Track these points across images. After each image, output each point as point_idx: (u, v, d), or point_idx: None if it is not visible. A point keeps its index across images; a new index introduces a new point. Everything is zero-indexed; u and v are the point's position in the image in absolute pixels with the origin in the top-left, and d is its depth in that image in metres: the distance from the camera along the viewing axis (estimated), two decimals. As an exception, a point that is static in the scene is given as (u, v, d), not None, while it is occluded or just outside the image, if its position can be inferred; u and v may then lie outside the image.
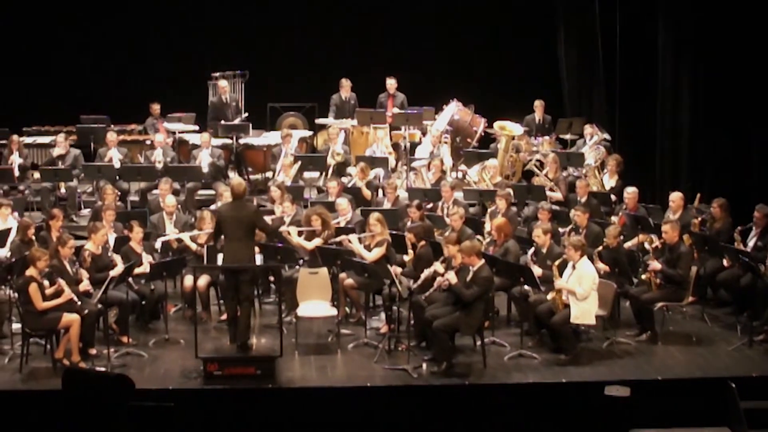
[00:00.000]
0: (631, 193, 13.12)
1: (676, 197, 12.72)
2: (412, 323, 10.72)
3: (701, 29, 15.34)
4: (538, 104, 16.86)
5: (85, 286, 10.59)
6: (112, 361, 10.28)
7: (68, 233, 11.37)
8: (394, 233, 11.76)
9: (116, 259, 11.04)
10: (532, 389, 9.96)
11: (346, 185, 14.31)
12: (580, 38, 17.43)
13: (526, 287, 10.90)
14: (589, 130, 15.95)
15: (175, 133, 16.02)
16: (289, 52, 18.00)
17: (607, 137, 15.93)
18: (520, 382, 10.03)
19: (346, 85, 16.92)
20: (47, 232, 11.86)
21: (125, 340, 10.86)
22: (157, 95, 16.82)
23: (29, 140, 16.01)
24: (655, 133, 16.17)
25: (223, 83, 16.74)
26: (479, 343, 10.50)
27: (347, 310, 11.70)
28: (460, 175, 15.52)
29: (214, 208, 12.89)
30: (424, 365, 10.24)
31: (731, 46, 14.88)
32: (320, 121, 17.07)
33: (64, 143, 15.05)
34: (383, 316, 11.42)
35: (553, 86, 17.74)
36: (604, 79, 16.96)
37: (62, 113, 16.58)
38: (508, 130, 16.17)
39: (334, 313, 11.07)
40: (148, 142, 16.10)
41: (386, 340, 10.76)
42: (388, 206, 13.53)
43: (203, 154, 15.13)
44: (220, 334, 11.17)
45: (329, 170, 15.17)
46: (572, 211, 12.45)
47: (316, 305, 11.08)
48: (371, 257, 11.29)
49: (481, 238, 12.02)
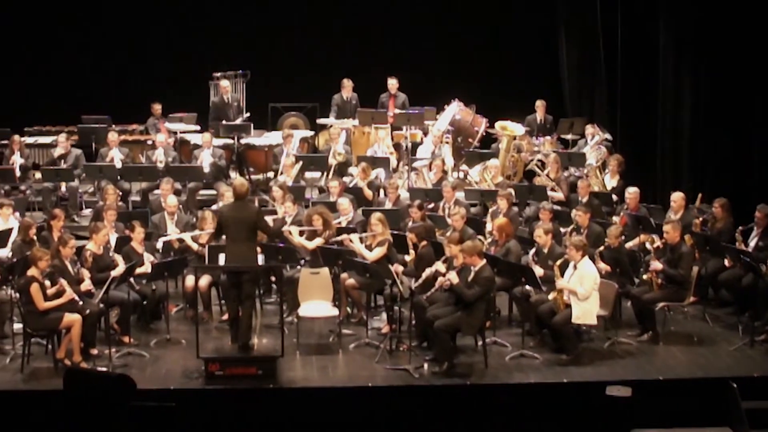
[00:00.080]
0: (632, 193, 13.13)
1: (677, 197, 12.72)
2: (413, 323, 10.73)
3: (702, 29, 15.32)
4: (539, 104, 16.84)
5: (86, 286, 10.59)
6: (113, 361, 10.29)
7: (69, 233, 11.36)
8: (395, 233, 11.75)
9: (117, 259, 11.03)
10: (533, 389, 9.96)
11: (347, 185, 14.29)
12: (581, 38, 17.41)
13: (527, 287, 10.90)
14: (590, 130, 15.96)
15: (176, 133, 16.02)
16: (290, 52, 17.99)
17: (608, 137, 15.93)
18: (521, 382, 10.02)
19: (347, 85, 16.91)
20: (48, 232, 11.86)
21: (126, 340, 10.85)
22: (158, 95, 16.82)
23: (30, 140, 16.01)
24: (656, 133, 16.15)
25: (224, 83, 16.73)
26: (480, 343, 10.51)
27: (348, 310, 11.69)
28: (461, 175, 15.52)
29: (215, 208, 12.89)
30: (425, 365, 10.24)
31: (732, 46, 14.86)
32: (321, 121, 17.06)
33: (65, 143, 15.07)
34: (384, 316, 11.42)
35: (554, 86, 17.73)
36: (605, 79, 16.95)
37: (63, 113, 16.57)
38: (509, 130, 16.16)
39: (335, 313, 11.07)
40: (149, 142, 16.09)
41: (387, 340, 10.75)
42: (389, 206, 13.53)
43: (204, 154, 15.13)
44: (221, 334, 11.16)
45: (330, 170, 15.16)
46: (574, 211, 12.45)
47: (317, 305, 11.07)
48: (372, 257, 11.28)
49: (482, 238, 12.01)
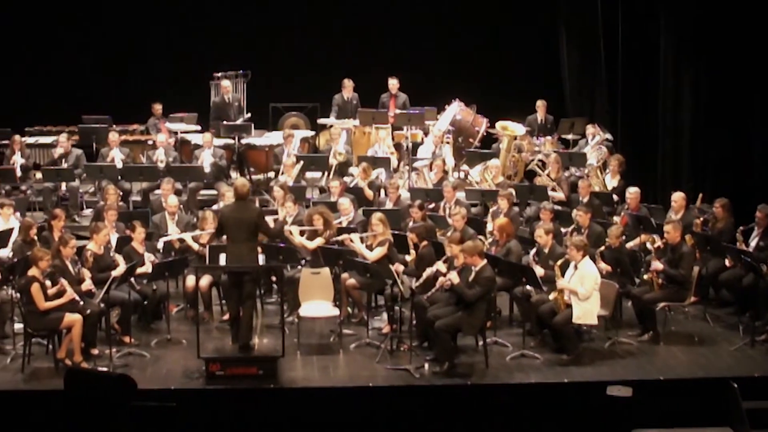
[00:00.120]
0: (633, 193, 13.13)
1: (678, 197, 12.72)
2: (414, 323, 10.73)
3: (702, 29, 15.32)
4: (540, 104, 16.84)
5: (87, 286, 10.59)
6: (114, 361, 10.29)
7: (70, 233, 11.36)
8: (396, 233, 11.74)
9: (118, 259, 11.03)
10: (534, 389, 9.96)
11: (348, 185, 14.29)
12: (582, 38, 17.42)
13: (528, 287, 10.89)
14: (591, 130, 15.96)
15: (177, 133, 16.03)
16: (291, 52, 17.98)
17: (609, 137, 15.93)
18: (522, 382, 10.02)
19: (348, 85, 16.90)
20: (49, 232, 11.85)
21: (127, 340, 10.85)
22: (158, 95, 16.81)
23: (31, 140, 16.02)
24: (656, 133, 16.14)
25: (225, 83, 16.74)
26: (481, 343, 10.51)
27: (349, 310, 11.68)
28: (462, 175, 15.52)
29: (216, 208, 12.89)
30: (426, 365, 10.24)
31: (732, 45, 14.86)
32: (322, 121, 17.06)
33: (65, 143, 15.07)
34: (385, 316, 11.41)
35: (555, 86, 17.73)
36: (606, 79, 16.94)
37: (64, 113, 16.57)
38: (510, 130, 16.16)
39: (336, 313, 11.07)
40: (150, 142, 16.09)
41: (388, 340, 10.75)
42: (390, 206, 13.53)
43: (205, 154, 15.13)
44: (222, 334, 11.16)
45: (331, 170, 15.15)
46: (574, 211, 12.44)
47: (318, 305, 11.07)
48: (373, 257, 11.27)
49: (483, 238, 12.00)
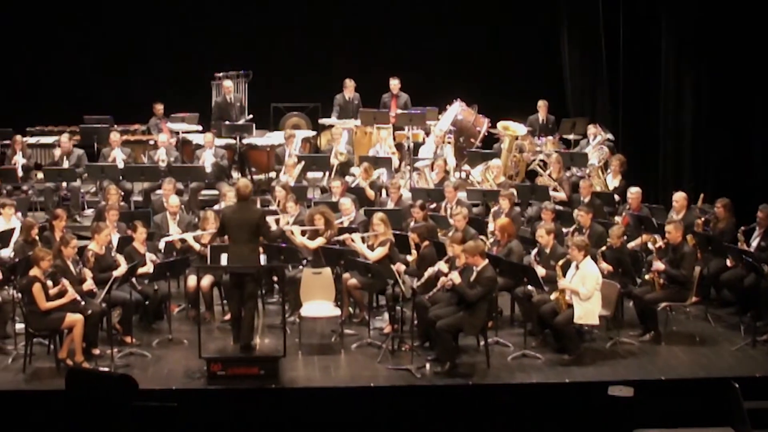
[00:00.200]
0: (634, 193, 13.12)
1: (679, 197, 12.72)
2: (415, 323, 10.73)
3: (704, 29, 15.31)
4: (541, 104, 16.85)
5: (88, 285, 10.58)
6: (115, 361, 10.29)
7: (71, 233, 11.37)
8: (397, 233, 11.74)
9: (119, 259, 11.04)
10: (535, 389, 9.95)
11: (349, 185, 14.29)
12: (583, 38, 17.42)
13: (529, 287, 10.89)
14: (592, 130, 15.96)
15: (178, 133, 16.04)
16: (292, 52, 17.98)
17: (610, 137, 15.93)
18: (523, 382, 10.01)
19: (349, 85, 16.90)
20: (51, 232, 11.85)
21: (129, 340, 10.86)
22: (159, 95, 16.82)
23: (33, 140, 16.05)
24: (658, 133, 16.14)
25: (227, 83, 16.74)
26: (483, 343, 10.50)
27: (350, 310, 11.68)
28: (463, 175, 15.51)
29: (217, 208, 12.89)
30: (427, 365, 10.24)
31: (734, 46, 14.85)
32: (323, 121, 17.06)
33: (67, 143, 15.09)
34: (386, 316, 11.41)
35: (556, 86, 17.73)
36: (607, 79, 16.94)
37: (65, 113, 16.61)
38: (511, 130, 16.16)
39: (337, 313, 11.07)
40: (151, 142, 16.11)
41: (390, 340, 10.75)
42: (391, 206, 13.53)
43: (206, 154, 15.14)
44: (223, 334, 11.15)
45: (332, 170, 15.15)
46: (575, 211, 12.44)
47: (319, 305, 11.07)
48: (374, 256, 11.26)
49: (484, 238, 12.01)
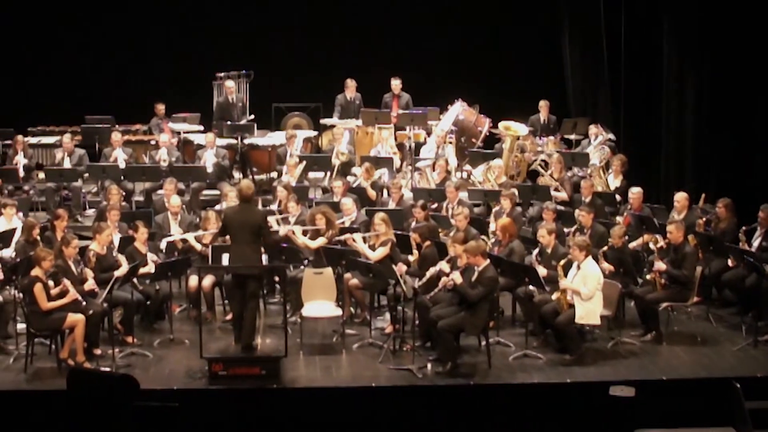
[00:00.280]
0: (635, 193, 13.12)
1: (680, 197, 12.71)
2: (416, 323, 10.72)
3: (705, 29, 15.30)
4: (542, 104, 16.85)
5: (89, 285, 10.59)
6: (116, 361, 10.30)
7: (73, 233, 11.36)
8: (398, 233, 11.75)
9: (121, 259, 11.04)
10: (536, 389, 9.95)
11: (351, 185, 14.29)
12: (584, 38, 17.42)
13: (530, 287, 10.87)
14: (593, 130, 15.95)
15: (179, 133, 16.04)
16: (293, 52, 17.99)
17: (611, 137, 15.92)
18: (524, 382, 10.01)
19: (351, 85, 16.91)
20: (52, 232, 11.86)
21: (130, 340, 10.87)
22: (160, 95, 16.83)
23: (34, 140, 16.06)
24: (659, 133, 16.13)
25: (229, 83, 16.73)
26: (484, 343, 10.50)
27: (352, 310, 11.69)
28: (464, 175, 15.51)
29: (218, 208, 12.89)
30: (428, 365, 10.24)
31: (735, 45, 14.84)
32: (325, 121, 17.06)
33: (69, 144, 15.11)
34: (388, 316, 11.41)
35: (557, 86, 17.74)
36: (608, 79, 16.92)
37: (67, 113, 16.62)
38: (512, 130, 16.16)
39: (338, 313, 11.07)
40: (152, 142, 16.12)
41: (391, 340, 10.74)
42: (392, 206, 13.53)
43: (208, 154, 15.14)
44: (224, 334, 11.16)
45: (334, 170, 15.14)
46: (577, 211, 12.42)
47: (320, 305, 11.07)
48: (375, 256, 11.27)
49: (485, 238, 12.02)
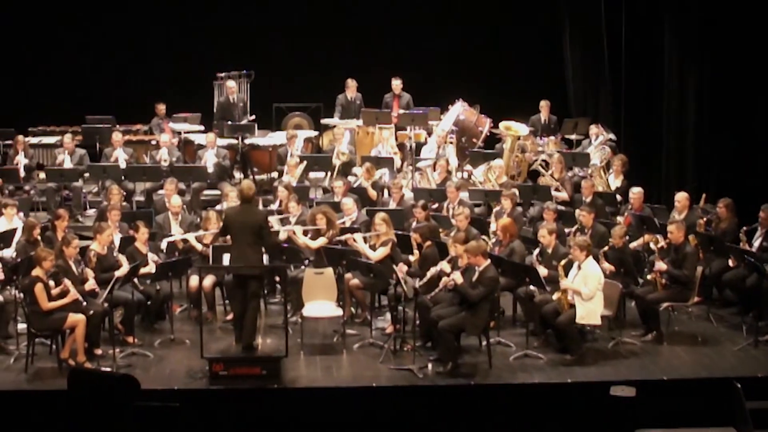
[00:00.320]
0: (636, 193, 13.11)
1: (681, 197, 12.72)
2: (417, 323, 10.72)
3: (706, 29, 15.30)
4: (543, 104, 16.85)
5: (90, 285, 10.59)
6: (117, 361, 10.30)
7: (73, 233, 11.35)
8: (399, 233, 11.75)
9: (121, 259, 11.05)
10: (537, 389, 9.95)
11: (351, 185, 14.29)
12: (585, 38, 17.41)
13: (531, 287, 10.87)
14: (594, 130, 15.96)
15: (180, 133, 16.05)
16: (294, 52, 17.99)
17: (612, 137, 15.93)
18: (525, 382, 10.01)
19: (351, 85, 16.91)
20: (53, 232, 11.87)
21: (131, 340, 10.87)
22: (161, 95, 16.83)
23: (35, 140, 16.07)
24: (660, 133, 16.12)
25: (230, 84, 16.74)
26: (485, 343, 10.50)
27: (353, 310, 11.69)
28: (465, 175, 15.52)
29: (219, 208, 12.89)
30: (429, 365, 10.24)
31: (736, 45, 14.83)
32: (326, 121, 17.07)
33: (70, 144, 15.12)
34: (389, 316, 11.41)
35: (558, 86, 17.73)
36: (609, 79, 16.91)
37: (67, 114, 16.62)
38: (513, 130, 16.16)
39: (339, 313, 11.07)
40: (153, 142, 16.12)
41: (392, 340, 10.74)
42: (393, 206, 13.53)
43: (209, 154, 15.14)
44: (225, 334, 11.15)
45: (335, 170, 15.14)
46: (578, 211, 12.42)
47: (321, 305, 11.08)
48: (376, 256, 11.27)
49: (486, 238, 12.01)
